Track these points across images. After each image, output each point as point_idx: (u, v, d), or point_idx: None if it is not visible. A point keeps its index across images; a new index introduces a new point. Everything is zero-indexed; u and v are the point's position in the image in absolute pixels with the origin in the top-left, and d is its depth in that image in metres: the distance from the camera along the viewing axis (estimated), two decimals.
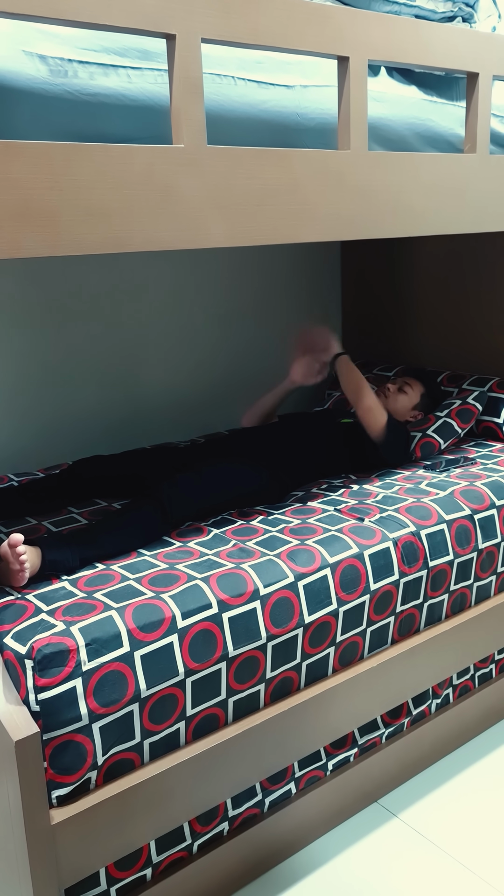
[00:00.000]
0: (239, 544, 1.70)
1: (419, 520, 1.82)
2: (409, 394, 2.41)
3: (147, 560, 1.63)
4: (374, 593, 1.69)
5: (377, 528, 1.78)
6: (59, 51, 1.21)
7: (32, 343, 2.43)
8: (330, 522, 1.80)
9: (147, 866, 1.46)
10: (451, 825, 1.76)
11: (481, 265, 2.64)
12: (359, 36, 1.45)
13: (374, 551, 1.71)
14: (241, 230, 1.38)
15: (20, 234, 1.13)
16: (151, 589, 1.49)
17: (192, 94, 1.26)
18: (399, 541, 1.75)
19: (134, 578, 1.54)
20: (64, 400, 2.52)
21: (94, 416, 2.59)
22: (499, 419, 2.44)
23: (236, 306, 2.86)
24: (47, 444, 2.50)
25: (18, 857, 1.29)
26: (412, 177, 1.62)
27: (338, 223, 1.52)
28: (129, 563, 1.61)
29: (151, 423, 2.71)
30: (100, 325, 2.55)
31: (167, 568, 1.58)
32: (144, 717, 1.38)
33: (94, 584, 1.52)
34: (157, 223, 1.26)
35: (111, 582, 1.52)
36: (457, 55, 1.63)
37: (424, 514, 1.85)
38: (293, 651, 1.57)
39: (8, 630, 1.38)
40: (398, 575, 1.73)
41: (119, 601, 1.44)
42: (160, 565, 1.60)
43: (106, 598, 1.45)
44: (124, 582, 1.52)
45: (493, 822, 1.77)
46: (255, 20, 1.31)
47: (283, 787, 1.65)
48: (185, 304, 2.75)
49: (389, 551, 1.73)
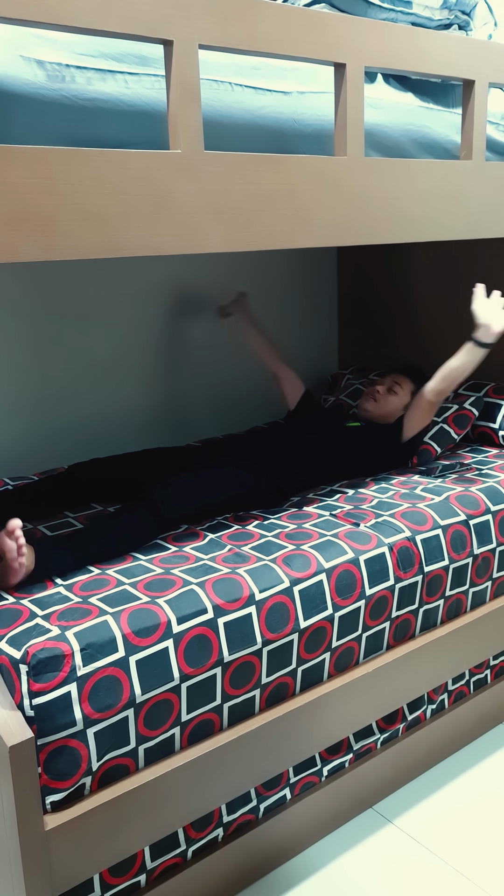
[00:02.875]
0: (234, 549, 1.70)
1: (414, 525, 1.83)
2: (400, 393, 2.36)
3: (143, 564, 1.63)
4: (370, 598, 1.69)
5: (372, 533, 1.78)
6: (57, 56, 1.22)
7: (29, 346, 2.42)
8: (326, 527, 1.80)
9: (141, 872, 1.45)
10: (446, 831, 1.76)
11: (477, 270, 2.65)
12: (355, 43, 1.46)
13: (369, 556, 1.71)
14: (238, 236, 1.38)
15: (17, 239, 1.13)
16: (147, 594, 1.49)
17: (190, 99, 1.26)
18: (394, 546, 1.75)
19: (129, 583, 1.53)
20: (60, 404, 2.52)
21: (90, 421, 2.59)
22: (494, 424, 2.45)
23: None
24: (43, 448, 2.49)
25: (12, 862, 1.28)
26: (408, 183, 1.62)
27: (334, 229, 1.52)
28: (125, 568, 1.61)
29: (148, 426, 2.70)
30: (98, 328, 2.55)
31: (163, 573, 1.58)
32: (139, 723, 1.38)
33: (89, 588, 1.52)
34: (153, 228, 1.26)
35: (106, 587, 1.52)
36: (453, 62, 1.63)
37: (419, 519, 1.85)
38: (288, 656, 1.57)
39: (2, 635, 1.38)
40: (393, 580, 1.73)
41: (114, 606, 1.43)
42: (155, 570, 1.60)
43: (101, 602, 1.45)
44: (119, 587, 1.52)
45: (488, 828, 1.76)
46: (252, 27, 1.31)
47: (277, 792, 1.64)
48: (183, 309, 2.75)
49: (385, 556, 1.73)
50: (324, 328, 3.18)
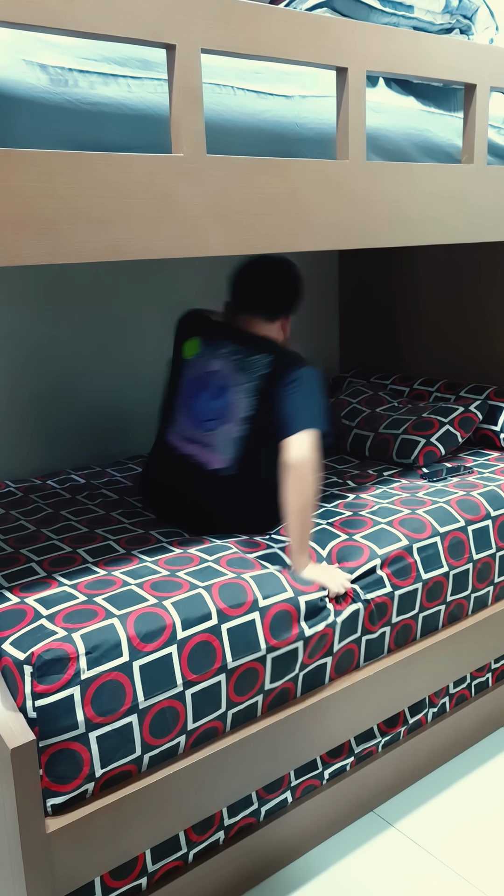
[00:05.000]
0: (239, 553, 1.70)
1: (412, 532, 1.82)
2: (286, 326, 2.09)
3: (148, 566, 1.63)
4: (367, 603, 1.69)
5: (365, 544, 1.76)
6: (60, 60, 1.22)
7: (29, 349, 2.43)
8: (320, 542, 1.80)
9: (142, 875, 1.45)
10: (447, 835, 1.75)
11: (479, 274, 2.65)
12: (357, 47, 1.46)
13: (363, 571, 1.71)
14: (240, 239, 1.38)
15: (19, 242, 1.13)
16: (153, 594, 1.48)
17: (192, 103, 1.27)
18: (387, 557, 1.74)
19: (136, 584, 1.53)
20: (61, 407, 2.52)
21: (92, 424, 2.59)
22: (496, 427, 2.44)
23: None
24: (44, 451, 2.50)
25: (13, 865, 1.28)
26: (410, 187, 1.63)
27: (336, 232, 1.53)
28: (131, 570, 1.61)
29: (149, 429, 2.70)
30: (98, 331, 2.55)
31: (168, 574, 1.58)
32: (145, 731, 1.37)
33: (95, 588, 1.52)
34: (156, 231, 1.27)
35: (112, 587, 1.52)
36: (454, 66, 1.64)
37: (418, 526, 1.85)
38: (293, 663, 1.57)
39: (7, 636, 1.38)
40: (391, 588, 1.73)
41: (121, 607, 1.44)
42: (161, 571, 1.60)
43: (107, 603, 1.45)
44: (125, 587, 1.52)
45: (490, 832, 1.76)
46: (254, 31, 1.32)
47: (279, 795, 1.64)
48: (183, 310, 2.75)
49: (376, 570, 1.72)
50: (325, 331, 3.19)
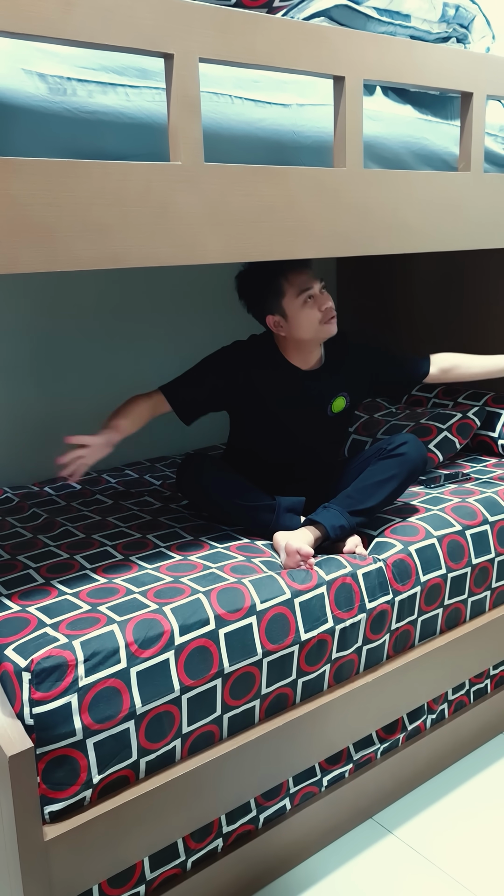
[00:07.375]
0: (243, 561, 1.70)
1: (407, 538, 1.82)
2: None
3: (150, 573, 1.63)
4: (370, 612, 1.69)
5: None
6: (58, 69, 1.23)
7: (27, 354, 2.43)
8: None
9: (140, 883, 1.45)
10: (446, 842, 1.75)
11: (476, 281, 2.66)
12: (354, 56, 1.47)
13: (366, 571, 1.71)
14: (238, 246, 1.39)
15: (18, 250, 1.14)
16: (155, 601, 1.49)
17: (190, 112, 1.27)
18: (389, 560, 1.75)
19: (139, 591, 1.54)
20: (59, 412, 2.52)
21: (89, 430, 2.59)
22: (494, 433, 2.45)
23: (230, 316, 2.86)
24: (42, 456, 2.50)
25: (11, 873, 1.28)
26: (407, 194, 1.63)
27: (333, 240, 1.53)
28: (133, 577, 1.62)
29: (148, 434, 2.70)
30: (97, 335, 2.56)
31: (172, 581, 1.58)
32: (141, 736, 1.37)
33: (97, 596, 1.52)
34: (154, 239, 1.27)
35: (115, 595, 1.52)
36: (451, 75, 1.65)
37: (412, 532, 1.85)
38: (289, 668, 1.57)
39: (9, 643, 1.38)
40: (392, 594, 1.73)
41: (122, 614, 1.44)
42: (165, 578, 1.60)
43: (110, 611, 1.45)
44: (129, 595, 1.52)
45: (489, 840, 1.76)
46: (252, 40, 1.33)
47: (277, 802, 1.64)
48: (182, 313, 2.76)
49: (382, 571, 1.73)
50: None
